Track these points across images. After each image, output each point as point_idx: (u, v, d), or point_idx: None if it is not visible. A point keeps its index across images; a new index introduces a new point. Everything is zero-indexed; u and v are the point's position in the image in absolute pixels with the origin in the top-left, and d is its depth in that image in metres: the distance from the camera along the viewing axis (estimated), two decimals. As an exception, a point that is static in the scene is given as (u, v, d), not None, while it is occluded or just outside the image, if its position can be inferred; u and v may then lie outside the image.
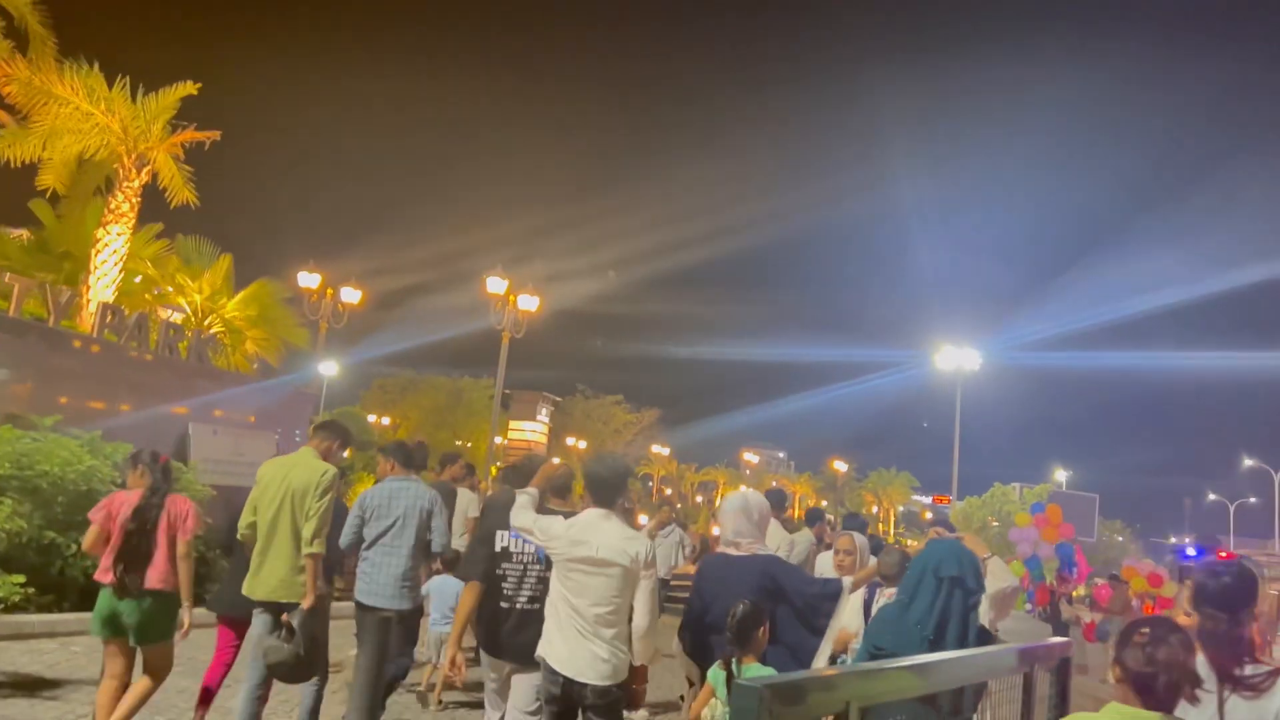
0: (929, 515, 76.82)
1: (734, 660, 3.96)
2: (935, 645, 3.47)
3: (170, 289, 15.28)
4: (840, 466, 70.25)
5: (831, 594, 4.43)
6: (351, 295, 22.74)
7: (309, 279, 21.71)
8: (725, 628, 4.02)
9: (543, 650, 3.93)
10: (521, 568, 4.47)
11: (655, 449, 63.07)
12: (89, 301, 12.67)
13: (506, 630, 4.36)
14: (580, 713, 3.88)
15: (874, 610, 4.79)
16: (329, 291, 22.20)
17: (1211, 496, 71.61)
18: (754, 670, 3.94)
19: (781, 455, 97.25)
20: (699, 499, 65.43)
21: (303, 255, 21.53)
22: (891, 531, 62.42)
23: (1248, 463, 63.57)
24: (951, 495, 53.40)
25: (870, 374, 75.70)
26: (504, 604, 4.40)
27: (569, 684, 3.80)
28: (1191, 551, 20.82)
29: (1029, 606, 20.51)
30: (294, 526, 5.09)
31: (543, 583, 4.34)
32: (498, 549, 4.48)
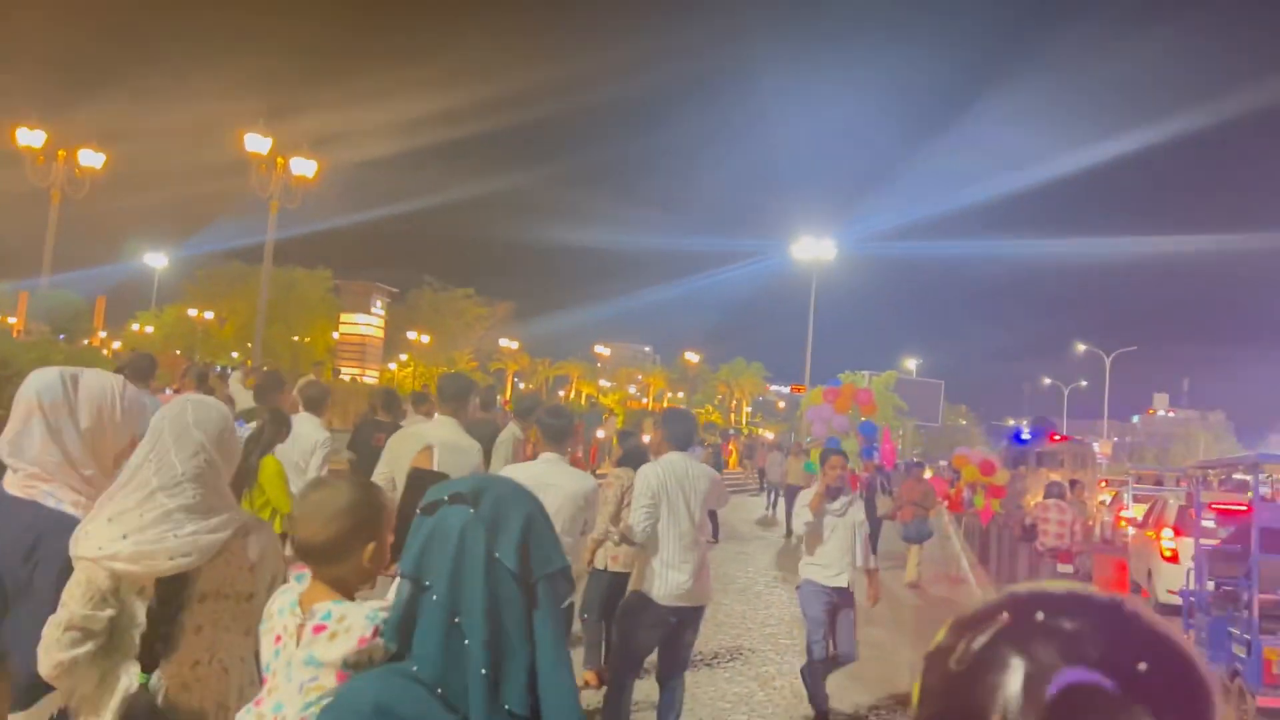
0: (782, 405, 77.67)
1: None
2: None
3: None
4: (692, 358, 69.40)
5: None
6: (93, 159, 18.94)
7: (31, 137, 17.81)
8: None
9: None
10: None
11: (504, 343, 60.51)
12: None
13: None
14: None
15: None
16: (60, 154, 18.37)
17: (1047, 381, 74.85)
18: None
19: (647, 349, 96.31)
20: (560, 395, 63.76)
21: (20, 109, 17.57)
22: (744, 423, 62.43)
23: (1081, 348, 66.24)
24: (805, 384, 53.42)
25: (727, 264, 74.94)
26: None
27: None
28: (1026, 436, 20.12)
29: None
30: None
31: None
32: None
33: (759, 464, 31.13)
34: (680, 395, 68.77)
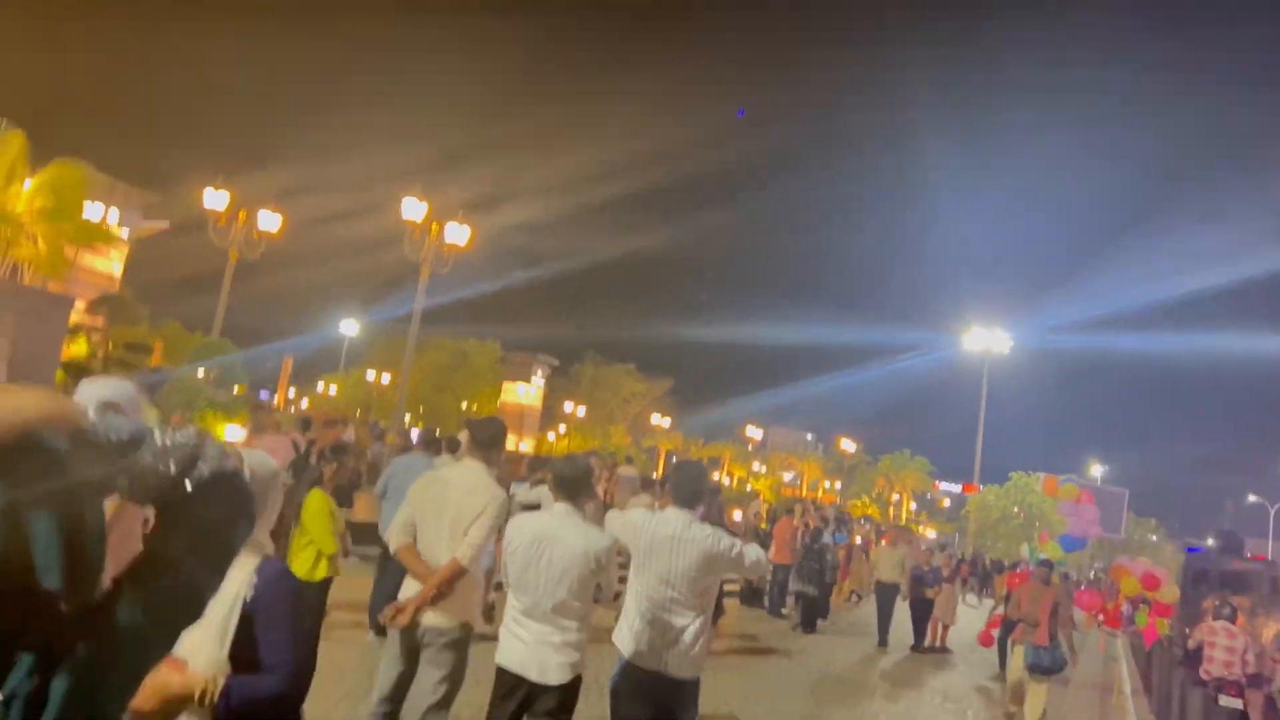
0: (947, 504, 73.58)
1: None
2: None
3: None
4: (849, 447, 66.84)
5: None
6: (270, 221, 20.29)
7: (216, 198, 19.29)
8: None
9: None
10: None
11: (657, 420, 60.45)
12: None
13: None
14: None
15: None
16: (241, 214, 19.79)
17: (1252, 498, 67.67)
18: None
19: (809, 437, 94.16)
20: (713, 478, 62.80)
21: (206, 172, 19.05)
22: (904, 518, 59.36)
23: (1293, 464, 59.70)
24: (976, 482, 50.45)
25: (894, 355, 72.67)
26: None
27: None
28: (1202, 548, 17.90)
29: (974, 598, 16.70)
30: None
31: None
32: None
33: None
34: (837, 485, 66.45)
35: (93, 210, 17.32)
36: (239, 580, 2.30)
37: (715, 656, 9.90)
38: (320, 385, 67.89)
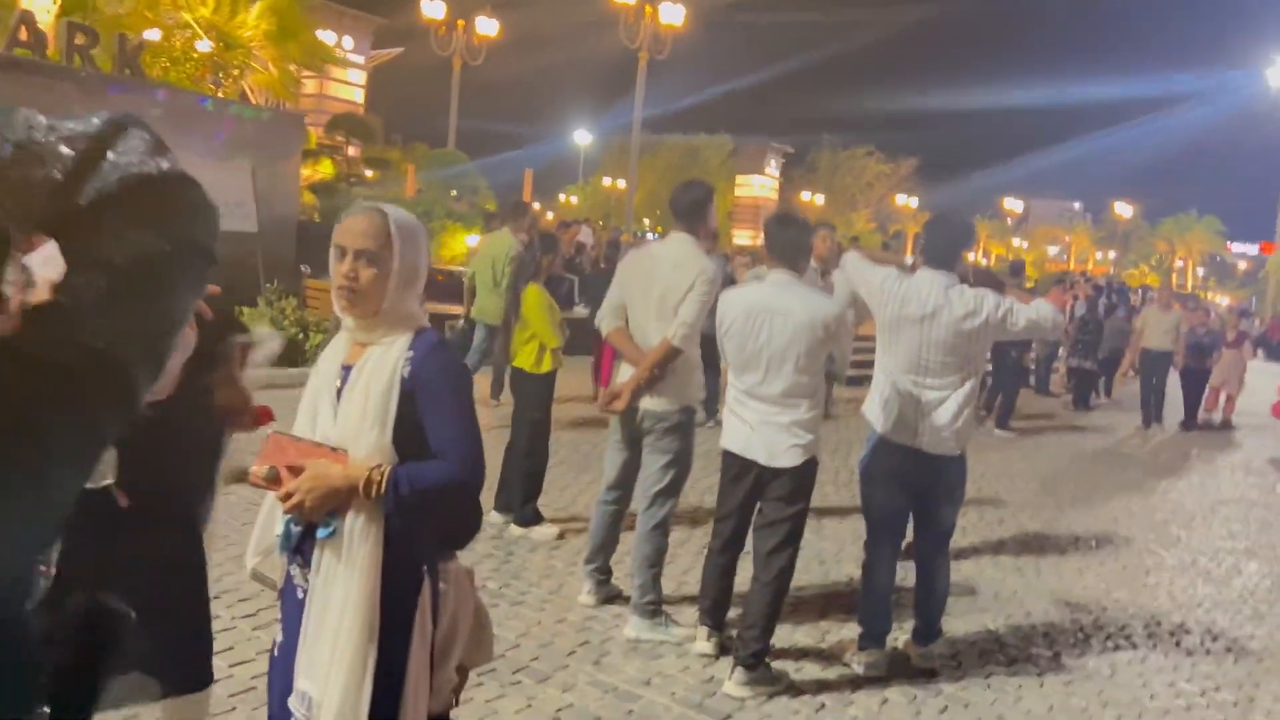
0: (1243, 267, 65.73)
1: None
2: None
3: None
4: (1124, 212, 60.01)
5: None
6: (488, 26, 20.10)
7: (433, 8, 19.25)
8: None
9: None
10: None
11: (903, 200, 57.07)
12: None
13: None
14: None
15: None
16: (459, 23, 19.71)
17: None
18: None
19: (1076, 206, 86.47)
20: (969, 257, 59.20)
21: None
22: (1190, 285, 53.56)
23: None
24: (1276, 241, 44.55)
25: (1173, 105, 63.79)
26: None
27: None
28: None
29: None
30: None
31: None
32: None
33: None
34: (1111, 256, 60.82)
35: (325, 38, 17.79)
36: (394, 356, 1.99)
37: (977, 434, 9.25)
38: (561, 196, 69.74)
